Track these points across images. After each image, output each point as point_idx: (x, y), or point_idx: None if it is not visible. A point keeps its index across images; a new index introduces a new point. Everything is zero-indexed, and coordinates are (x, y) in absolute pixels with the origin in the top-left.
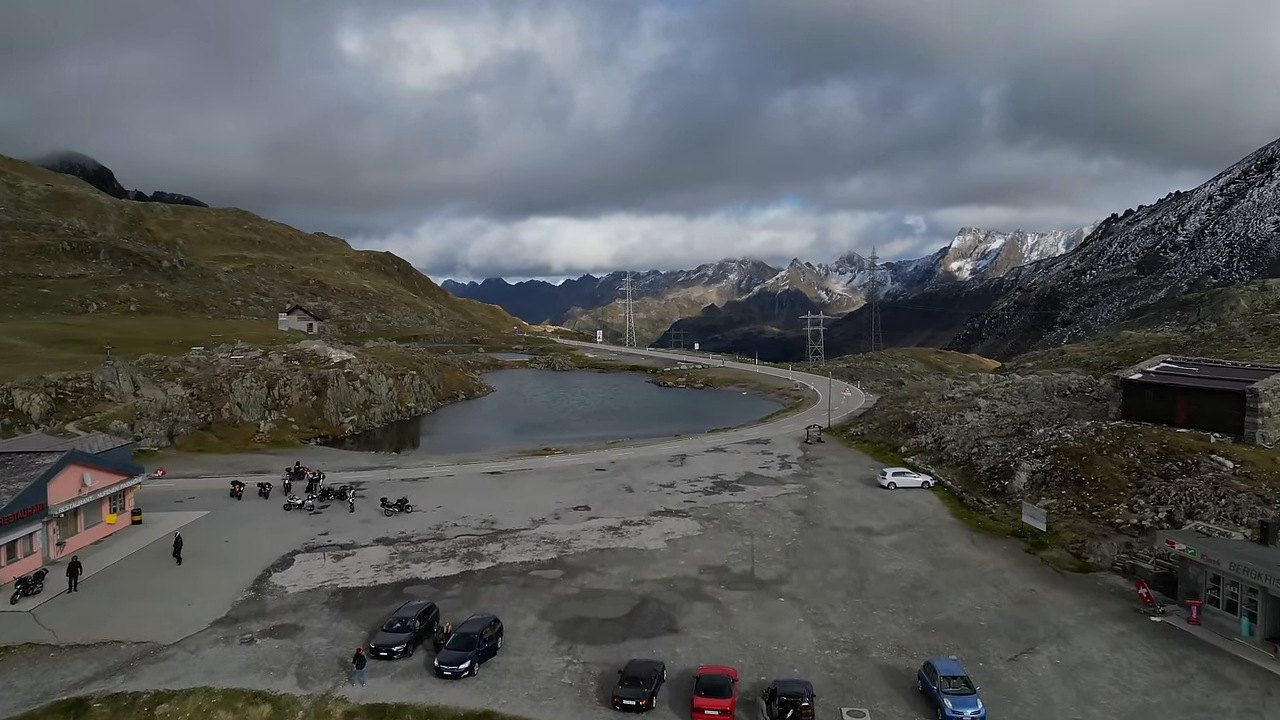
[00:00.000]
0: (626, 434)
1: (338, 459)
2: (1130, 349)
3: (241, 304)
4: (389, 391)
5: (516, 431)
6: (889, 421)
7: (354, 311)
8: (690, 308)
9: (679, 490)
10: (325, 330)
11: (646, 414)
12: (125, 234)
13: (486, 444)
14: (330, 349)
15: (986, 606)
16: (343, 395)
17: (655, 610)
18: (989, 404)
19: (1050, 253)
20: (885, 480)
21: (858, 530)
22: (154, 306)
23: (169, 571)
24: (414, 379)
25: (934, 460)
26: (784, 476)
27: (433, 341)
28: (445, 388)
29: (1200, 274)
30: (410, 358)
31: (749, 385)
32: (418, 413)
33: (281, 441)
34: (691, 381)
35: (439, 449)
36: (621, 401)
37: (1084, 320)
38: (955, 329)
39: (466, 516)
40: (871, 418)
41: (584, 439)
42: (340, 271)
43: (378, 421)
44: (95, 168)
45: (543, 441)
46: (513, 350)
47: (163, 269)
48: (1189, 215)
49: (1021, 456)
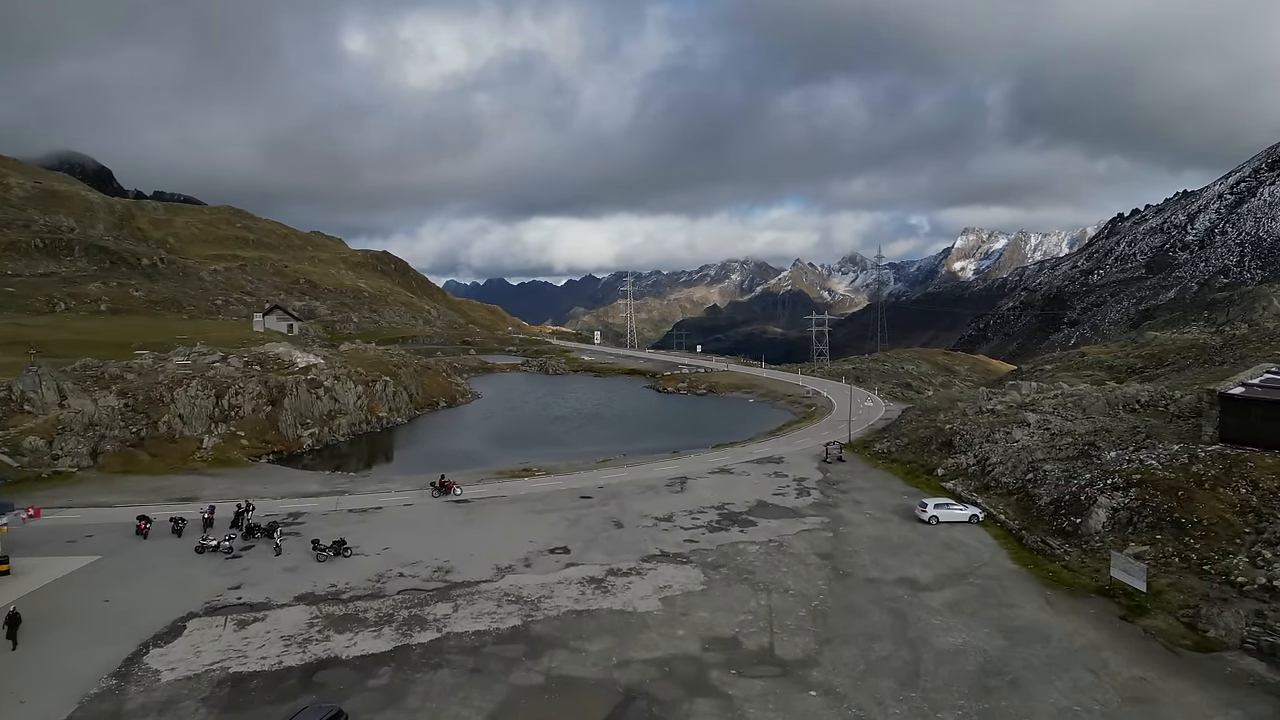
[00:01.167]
0: (619, 450)
1: (283, 482)
2: (1157, 351)
3: (223, 303)
4: (357, 400)
5: (496, 446)
6: (920, 438)
7: (341, 312)
8: (692, 308)
9: (678, 525)
10: (308, 331)
11: (643, 425)
12: (114, 232)
13: (460, 462)
14: (296, 352)
15: (1089, 707)
16: (302, 405)
17: (643, 713)
18: (1039, 419)
19: (1054, 253)
20: (926, 513)
21: (900, 582)
22: (126, 306)
23: (3, 656)
24: (387, 386)
25: (979, 487)
26: (803, 507)
27: (421, 343)
28: (425, 394)
29: (1211, 274)
30: (387, 362)
31: (756, 391)
32: (390, 423)
33: (226, 460)
34: (693, 387)
35: (404, 468)
36: (617, 410)
37: (1092, 320)
38: (959, 329)
39: (417, 562)
40: (898, 432)
41: (571, 456)
42: (335, 271)
43: (343, 434)
44: (95, 167)
45: (524, 459)
46: (506, 352)
47: (141, 267)
48: (1198, 214)
49: (1095, 488)
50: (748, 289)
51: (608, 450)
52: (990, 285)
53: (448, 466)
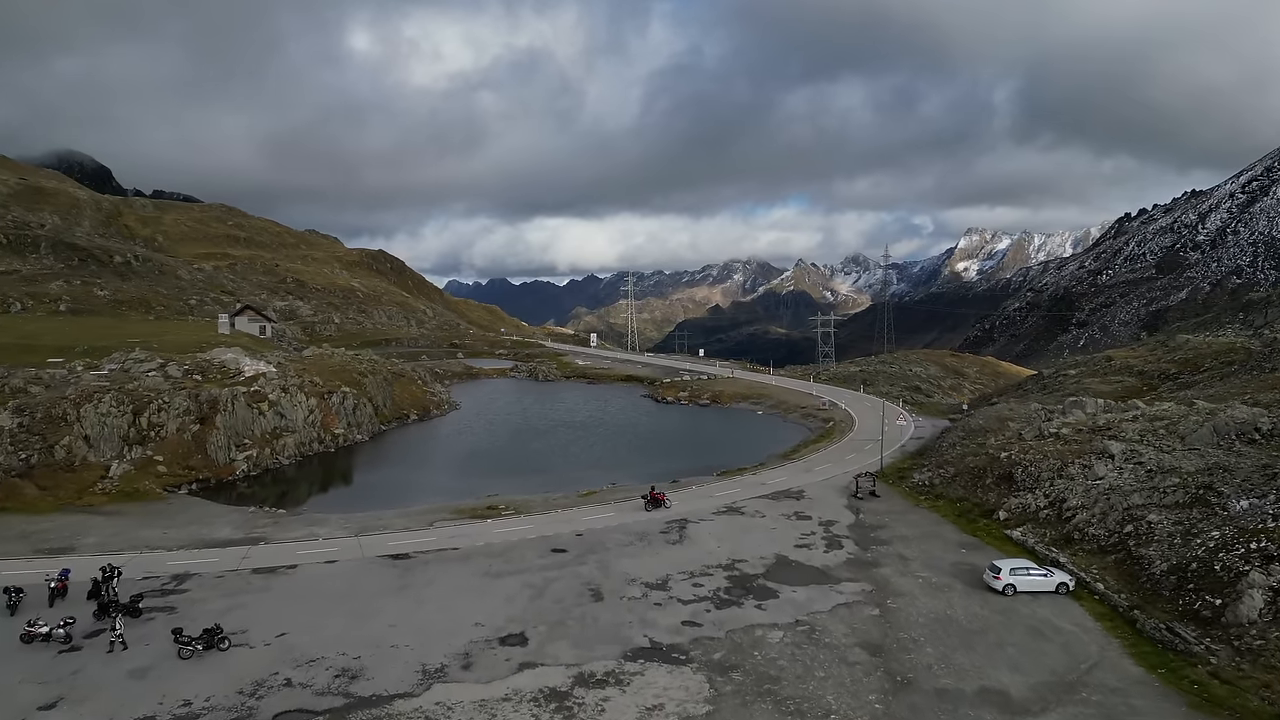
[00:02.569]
0: (607, 478)
1: (190, 524)
2: (1191, 355)
3: (197, 303)
4: (309, 415)
5: (464, 471)
6: (970, 467)
7: (324, 312)
8: (695, 308)
9: (674, 595)
10: (285, 333)
11: (638, 444)
12: (100, 230)
13: (414, 494)
14: (246, 359)
15: None
16: (238, 422)
17: None
18: (1125, 449)
19: (1058, 253)
20: (999, 579)
21: (983, 698)
22: (89, 306)
23: None
24: (346, 398)
25: (1058, 539)
26: (835, 566)
27: (406, 345)
28: (394, 406)
29: (1223, 274)
30: (352, 369)
31: (764, 402)
32: (349, 441)
33: (133, 492)
34: (695, 397)
35: (345, 503)
36: (609, 424)
37: (1101, 321)
38: (963, 330)
39: (316, 661)
40: (940, 457)
41: (550, 485)
42: (328, 270)
43: (288, 456)
44: (94, 166)
45: (494, 488)
46: (496, 356)
47: (114, 265)
48: (1209, 214)
49: (1236, 555)
50: (750, 289)
51: (594, 478)
52: (994, 286)
53: (400, 498)
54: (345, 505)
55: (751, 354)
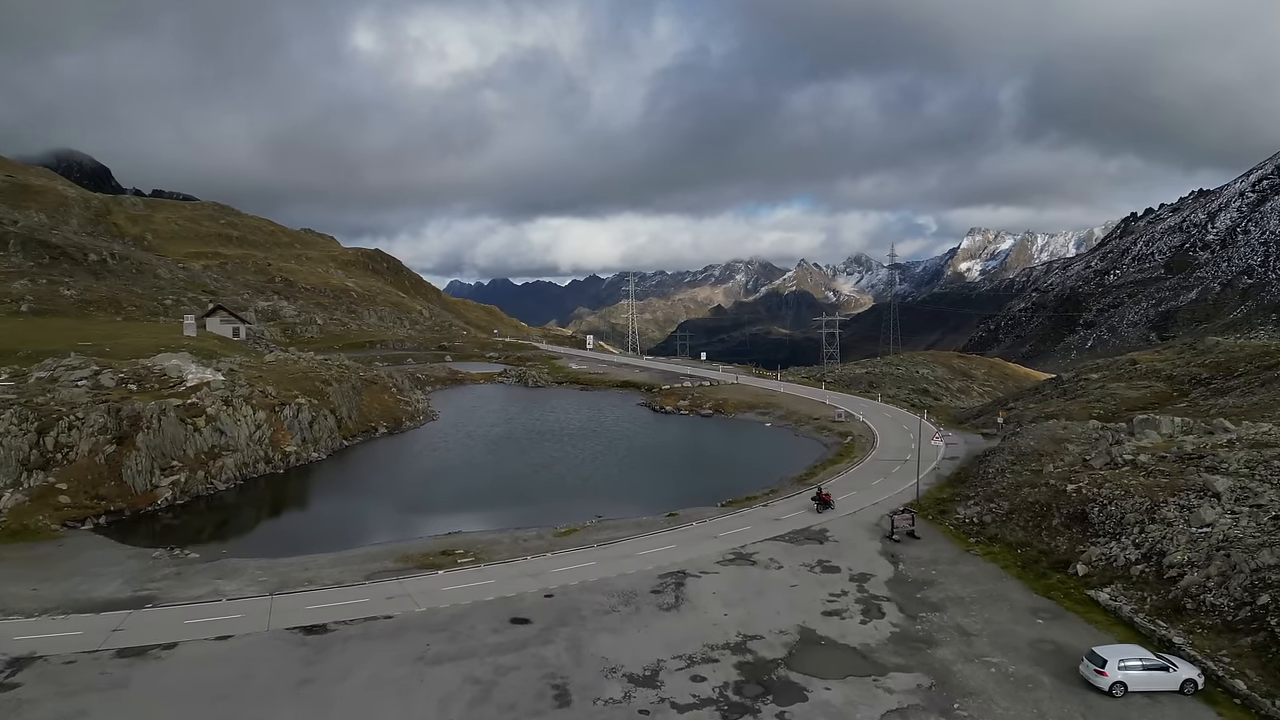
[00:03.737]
0: (591, 509)
1: (72, 575)
2: (1223, 359)
3: (173, 303)
4: (254, 431)
5: (426, 501)
6: (1027, 502)
7: (308, 313)
8: (697, 308)
9: (667, 695)
10: (263, 335)
11: (631, 463)
12: (88, 228)
13: (361, 530)
14: (192, 366)
15: None
16: (165, 441)
17: None
18: (1233, 485)
19: (1061, 253)
20: (1104, 675)
21: None
22: (53, 306)
23: None
24: (300, 410)
25: (1162, 607)
26: (878, 645)
27: (392, 348)
28: (361, 418)
29: (1234, 274)
30: (316, 376)
31: (773, 412)
32: (303, 461)
33: (21, 530)
34: (697, 406)
35: (276, 542)
36: (601, 437)
37: (1109, 322)
38: (966, 330)
39: None
40: (988, 487)
41: (522, 519)
42: (322, 269)
43: (226, 480)
44: (92, 165)
45: (456, 524)
46: (487, 359)
47: (88, 264)
48: (1219, 213)
49: None
50: (752, 289)
51: (577, 509)
52: (997, 286)
53: (343, 536)
54: (276, 545)
55: (753, 354)
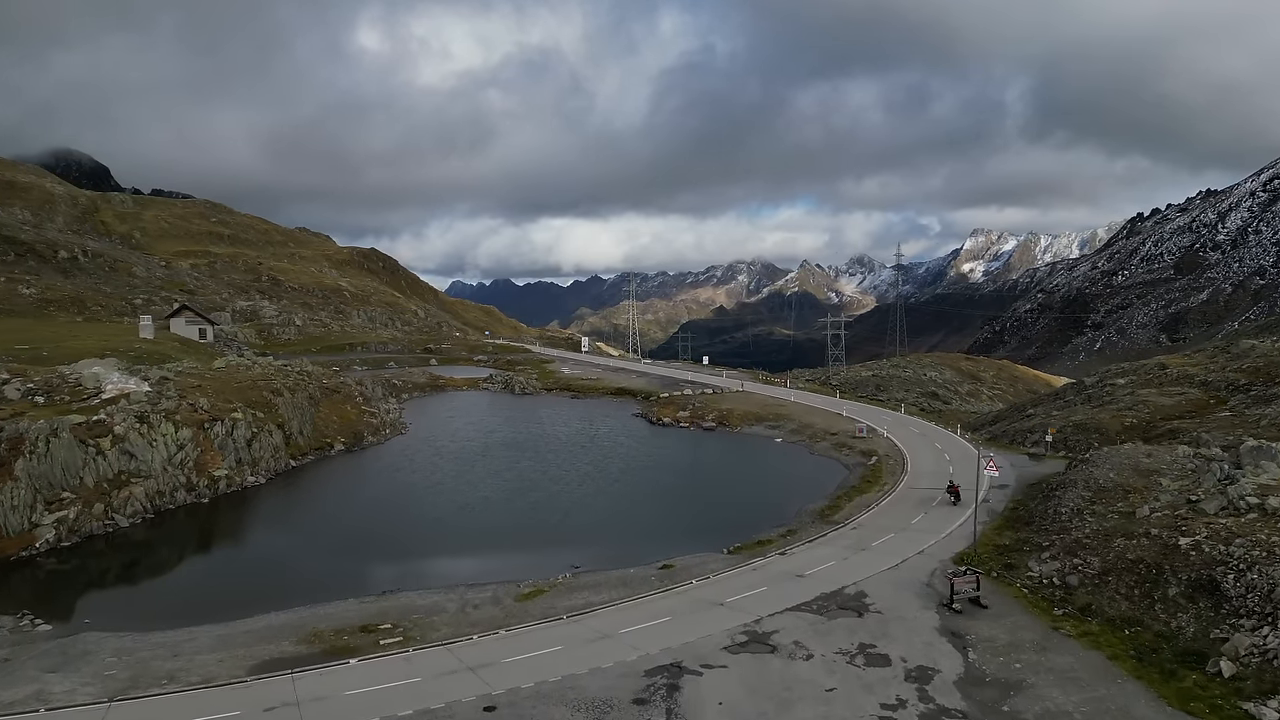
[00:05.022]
0: (565, 556)
1: None
2: (1261, 364)
3: (142, 303)
4: (175, 453)
5: (366, 544)
6: (1127, 560)
7: (288, 313)
8: (699, 309)
9: None
10: (238, 335)
11: (622, 486)
12: (74, 226)
13: (274, 587)
14: (115, 374)
15: None
16: (54, 469)
17: None
18: None
19: (1064, 255)
20: None
21: None
22: (8, 306)
23: None
24: (237, 426)
25: None
26: None
27: (374, 350)
28: (315, 433)
29: (1246, 274)
30: (267, 385)
31: (784, 425)
32: (236, 486)
33: None
34: (698, 417)
35: (152, 606)
36: (589, 453)
37: (1118, 324)
38: (970, 331)
39: None
40: (1066, 536)
41: (480, 571)
42: (315, 268)
43: (132, 513)
44: (91, 165)
45: (391, 582)
46: (475, 363)
47: (57, 261)
48: (1229, 212)
49: None
50: (755, 290)
51: (548, 556)
52: (1001, 287)
53: (247, 596)
54: (157, 608)
55: (755, 355)
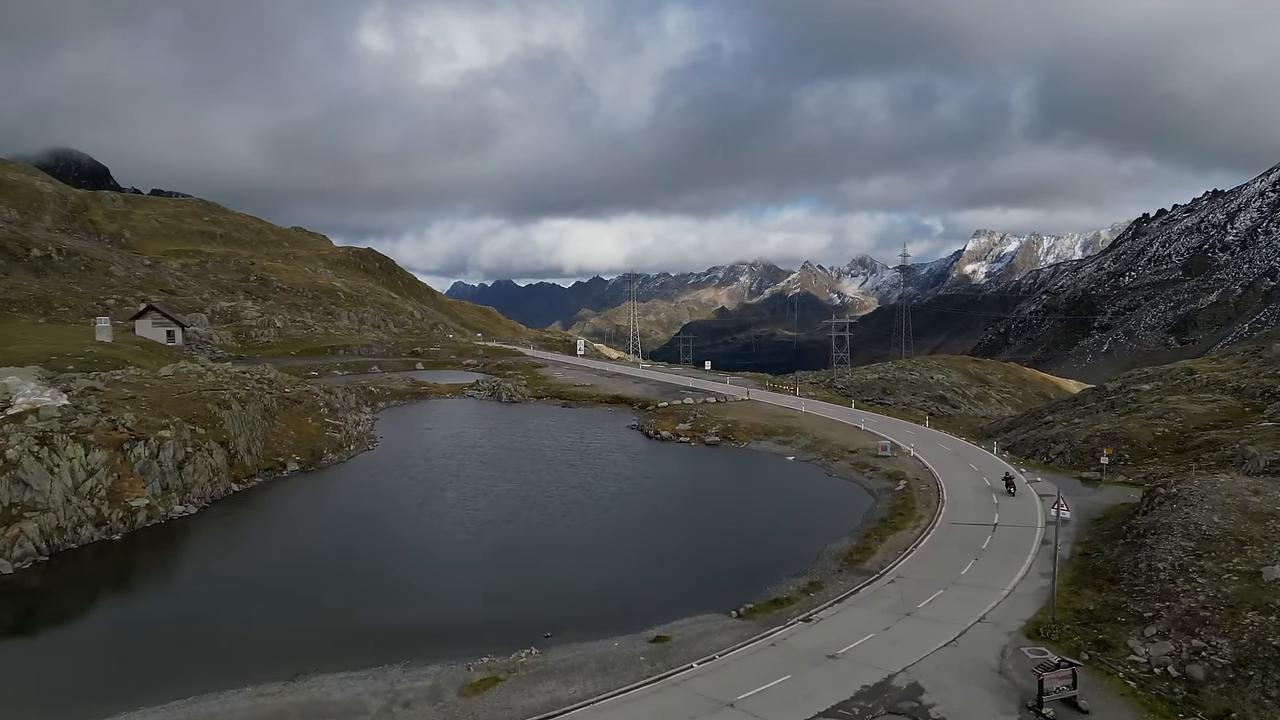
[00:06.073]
0: (536, 620)
1: None
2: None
3: (115, 303)
4: (82, 481)
5: (284, 602)
6: (1273, 647)
7: (269, 315)
8: (701, 310)
9: None
10: (210, 338)
11: (610, 519)
12: (63, 224)
13: (144, 675)
14: (30, 386)
15: None
16: None
17: None
18: None
19: (1067, 256)
20: None
21: None
22: None
23: None
24: (163, 446)
25: None
26: None
27: (358, 353)
28: (267, 451)
29: (1256, 275)
30: (214, 397)
31: (796, 440)
32: (160, 518)
33: None
34: (700, 430)
35: (20, 685)
36: (576, 474)
37: (1126, 325)
38: (973, 333)
39: None
40: (1169, 599)
41: (421, 643)
42: (309, 269)
43: (21, 555)
44: (91, 164)
45: (308, 659)
46: (464, 367)
47: (29, 260)
48: (1238, 213)
49: None
50: (757, 291)
51: (514, 619)
52: (1004, 288)
53: (111, 683)
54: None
55: (758, 357)
